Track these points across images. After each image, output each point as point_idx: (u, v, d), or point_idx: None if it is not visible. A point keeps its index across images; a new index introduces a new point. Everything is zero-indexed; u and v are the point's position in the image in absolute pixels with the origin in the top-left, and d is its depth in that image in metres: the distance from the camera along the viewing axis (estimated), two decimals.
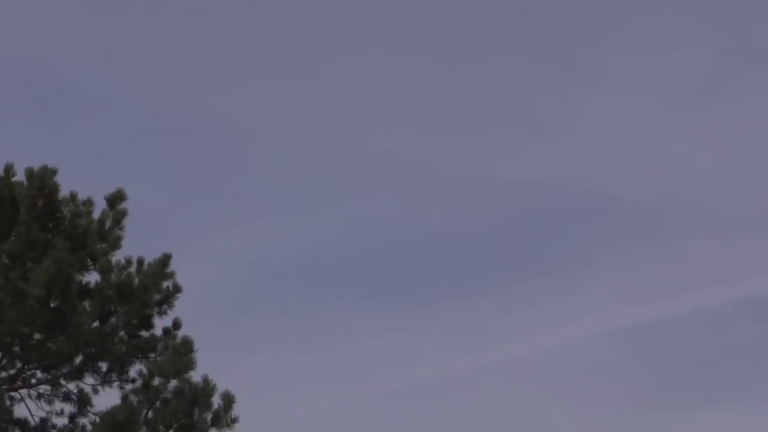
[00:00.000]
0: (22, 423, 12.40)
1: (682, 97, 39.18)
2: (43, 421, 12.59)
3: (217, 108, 37.54)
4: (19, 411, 12.48)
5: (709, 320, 34.20)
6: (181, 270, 13.02)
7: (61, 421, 12.75)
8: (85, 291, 12.58)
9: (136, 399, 12.01)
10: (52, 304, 12.04)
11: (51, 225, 12.26)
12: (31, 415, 12.71)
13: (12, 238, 12.14)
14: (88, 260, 12.54)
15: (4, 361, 12.19)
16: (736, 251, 34.83)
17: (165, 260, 12.47)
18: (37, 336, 12.01)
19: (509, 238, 37.76)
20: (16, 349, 12.16)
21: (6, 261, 11.94)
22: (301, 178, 37.88)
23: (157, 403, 11.94)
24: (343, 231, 37.21)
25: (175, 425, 11.89)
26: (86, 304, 12.44)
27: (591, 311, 34.86)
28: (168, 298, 12.64)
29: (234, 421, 11.90)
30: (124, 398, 12.08)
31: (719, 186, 38.13)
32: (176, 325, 12.71)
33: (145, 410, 11.95)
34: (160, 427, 11.98)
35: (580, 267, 36.62)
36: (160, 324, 12.90)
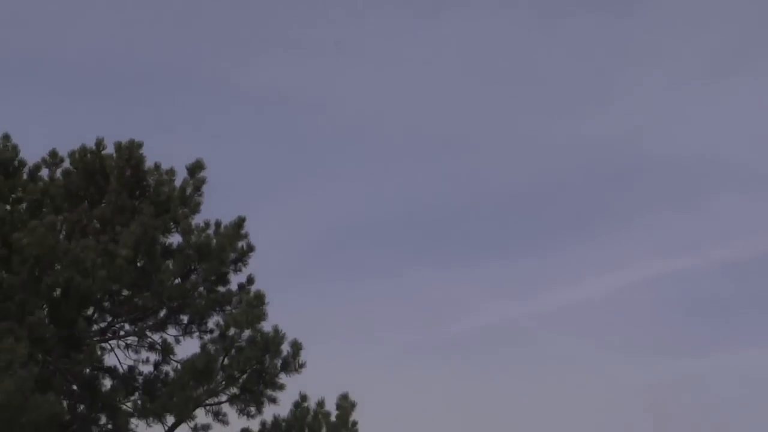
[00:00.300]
0: (111, 371, 13.31)
1: (711, 69, 40.70)
2: (131, 369, 13.55)
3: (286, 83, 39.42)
4: (109, 360, 13.34)
5: (733, 271, 35.56)
6: (257, 230, 13.89)
7: (146, 369, 13.70)
8: (168, 251, 13.55)
9: (214, 348, 12.92)
10: (138, 264, 12.97)
11: (137, 193, 13.39)
12: (120, 363, 13.63)
13: (102, 204, 13.08)
14: (171, 224, 13.51)
15: (95, 315, 13.10)
16: (760, 204, 36.11)
17: (240, 223, 13.42)
18: (125, 292, 12.82)
19: (566, 198, 39.67)
20: (106, 304, 13.09)
21: (97, 225, 12.81)
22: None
23: (233, 351, 12.83)
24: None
25: (249, 371, 12.86)
26: (169, 263, 13.39)
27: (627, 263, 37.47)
28: (242, 257, 13.55)
29: (301, 366, 12.92)
30: (203, 347, 12.95)
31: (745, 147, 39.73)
32: (250, 280, 13.65)
33: (221, 357, 12.85)
34: (235, 373, 12.95)
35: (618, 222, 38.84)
36: (235, 280, 13.66)
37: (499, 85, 41.52)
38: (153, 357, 14.09)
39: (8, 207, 13.17)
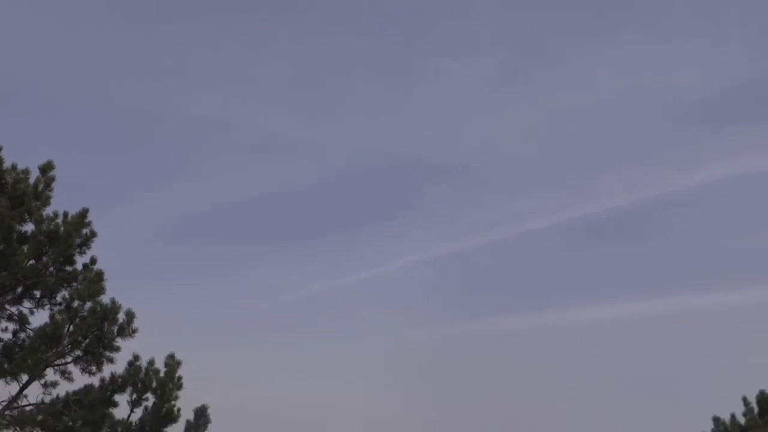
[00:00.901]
0: None
1: (485, 87, 49.91)
2: None
3: None
4: None
5: (501, 250, 43.84)
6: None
7: (6, 336, 15.35)
8: (23, 238, 15.10)
9: (61, 317, 14.77)
10: None
11: None
12: None
13: None
14: (26, 215, 15.01)
15: None
16: (524, 199, 44.18)
17: (84, 213, 15.20)
18: None
19: (362, 196, 49.79)
20: None
21: None
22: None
23: (77, 320, 14.75)
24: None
25: (90, 336, 14.78)
26: (24, 247, 14.91)
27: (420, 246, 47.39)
28: (86, 241, 15.29)
29: (134, 331, 14.94)
30: (52, 317, 14.83)
31: (513, 152, 49.80)
32: (92, 261, 15.34)
33: (67, 325, 14.74)
34: (79, 338, 14.82)
35: (415, 214, 48.98)
36: (80, 261, 15.37)
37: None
38: (11, 326, 15.60)
39: None
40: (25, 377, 15.19)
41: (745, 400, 15.72)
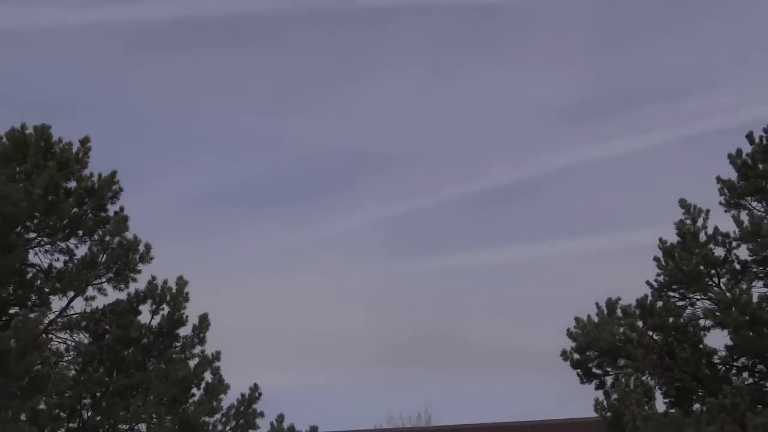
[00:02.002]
0: (34, 266, 18.02)
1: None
2: (49, 265, 18.22)
3: None
4: (34, 260, 18.07)
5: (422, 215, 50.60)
6: None
7: (58, 264, 18.35)
8: (68, 192, 18.11)
9: (96, 249, 17.96)
10: (49, 198, 17.59)
11: (48, 156, 17.97)
12: (41, 261, 18.33)
13: (26, 164, 17.74)
14: (70, 175, 18.13)
15: (22, 231, 17.73)
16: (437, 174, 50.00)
17: (113, 174, 18.30)
18: (42, 217, 17.72)
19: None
20: (29, 224, 17.87)
21: (22, 176, 17.58)
22: None
23: (108, 251, 17.91)
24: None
25: (119, 262, 17.94)
26: (69, 199, 17.92)
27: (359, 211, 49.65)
28: (116, 195, 18.33)
29: (151, 258, 18.36)
30: (91, 249, 17.99)
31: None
32: (121, 209, 18.32)
33: (101, 255, 17.88)
34: (110, 264, 17.94)
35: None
36: (111, 209, 18.51)
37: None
38: (62, 257, 18.48)
39: None
40: (71, 293, 18.17)
41: (597, 305, 19.85)
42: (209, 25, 45.73)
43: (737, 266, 19.67)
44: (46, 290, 18.16)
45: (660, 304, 19.39)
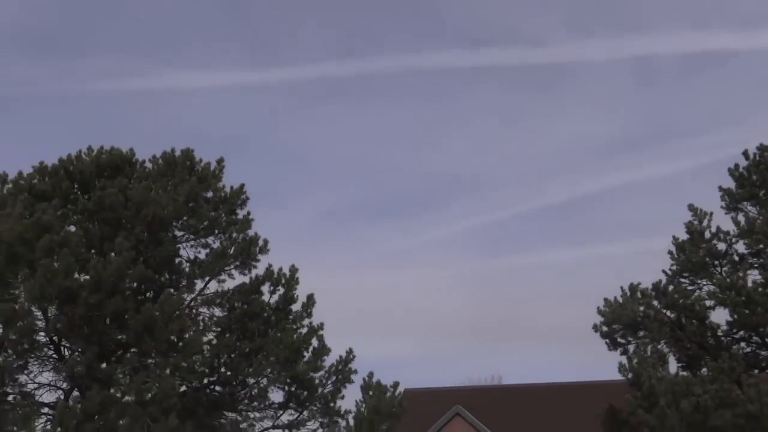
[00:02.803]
0: (180, 256, 20.33)
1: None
2: (195, 256, 20.20)
3: None
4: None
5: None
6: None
7: (201, 255, 20.17)
8: (206, 200, 20.14)
9: (227, 243, 19.85)
10: (190, 205, 19.66)
11: (191, 172, 20.12)
12: (187, 253, 20.19)
13: (174, 178, 19.86)
14: (208, 187, 20.28)
15: (170, 231, 19.70)
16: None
17: (241, 187, 20.54)
18: (185, 219, 19.80)
19: None
20: (175, 224, 19.87)
21: (170, 187, 19.61)
22: None
23: (236, 244, 19.80)
24: None
25: (243, 253, 19.87)
26: (207, 205, 20.04)
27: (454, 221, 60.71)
28: (244, 202, 20.53)
29: (268, 250, 20.42)
30: (222, 243, 19.89)
31: None
32: (248, 213, 20.53)
33: (232, 247, 19.87)
34: (238, 255, 19.72)
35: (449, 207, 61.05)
36: (241, 213, 20.68)
37: None
38: (203, 250, 20.45)
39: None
40: (207, 277, 20.05)
41: (621, 288, 21.72)
42: (337, 83, 55.64)
43: (736, 258, 21.36)
44: (189, 273, 20.29)
45: (672, 287, 21.17)
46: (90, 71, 44.06)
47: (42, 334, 18.69)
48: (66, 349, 19.45)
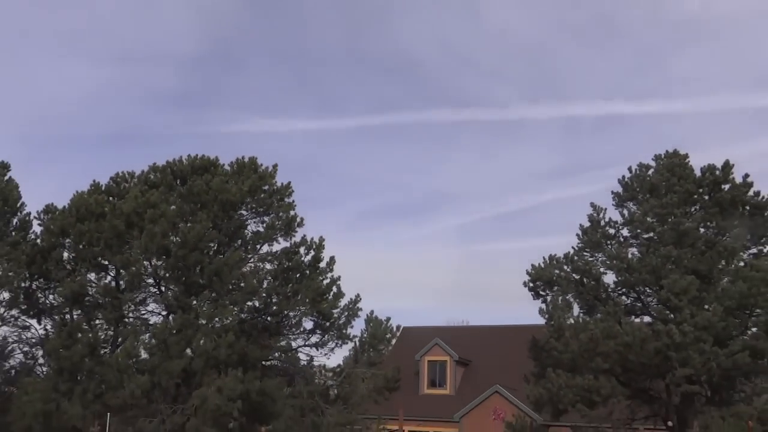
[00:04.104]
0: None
1: None
2: (256, 232, 22.24)
3: None
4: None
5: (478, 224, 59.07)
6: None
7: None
8: (263, 191, 20.45)
9: (278, 223, 20.52)
10: (253, 194, 19.98)
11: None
12: (246, 233, 22.04)
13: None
14: (264, 182, 20.94)
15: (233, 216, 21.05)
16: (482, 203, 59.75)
17: (288, 184, 21.49)
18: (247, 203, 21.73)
19: None
20: (241, 212, 21.36)
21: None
22: None
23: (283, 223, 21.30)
24: None
25: (284, 229, 20.99)
26: (263, 195, 20.71)
27: (442, 220, 62.64)
28: (290, 193, 20.89)
29: (303, 225, 21.77)
30: (272, 223, 21.54)
31: None
32: (293, 201, 20.33)
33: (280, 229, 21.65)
34: (282, 230, 19.98)
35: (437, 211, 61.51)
36: (287, 200, 20.85)
37: None
38: (261, 225, 20.20)
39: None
40: (262, 242, 19.80)
41: (543, 257, 22.27)
42: (368, 130, 59.91)
43: (621, 239, 22.00)
44: (252, 241, 20.54)
45: (577, 258, 21.80)
46: (210, 119, 49.67)
47: (148, 276, 19.27)
48: (163, 287, 19.76)
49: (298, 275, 20.23)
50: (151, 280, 19.27)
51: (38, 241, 20.20)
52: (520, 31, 59.06)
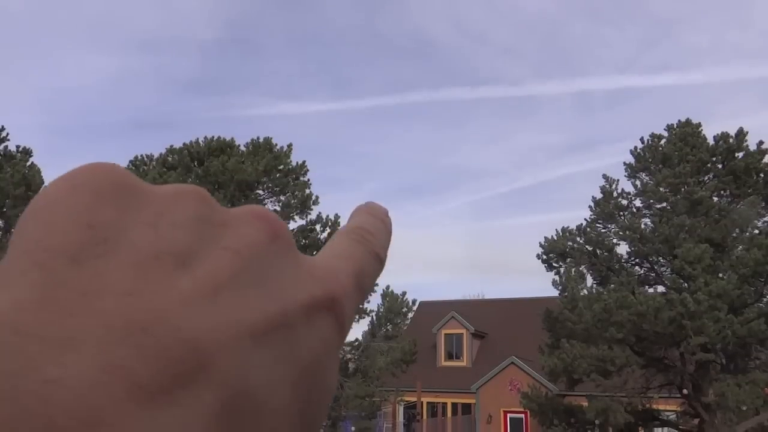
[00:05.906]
0: None
1: None
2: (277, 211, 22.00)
3: None
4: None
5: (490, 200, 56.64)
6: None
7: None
8: (278, 170, 21.30)
9: (292, 195, 21.73)
10: (270, 173, 21.77)
11: (270, 150, 22.07)
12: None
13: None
14: (279, 161, 22.04)
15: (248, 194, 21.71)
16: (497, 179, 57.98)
17: (303, 163, 21.60)
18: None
19: None
20: (258, 191, 21.69)
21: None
22: None
23: (296, 195, 21.65)
24: None
25: (300, 201, 20.88)
26: (279, 175, 21.92)
27: (459, 198, 61.29)
28: (305, 172, 21.04)
29: (318, 203, 21.68)
30: (288, 196, 21.82)
31: None
32: (308, 179, 21.12)
33: (301, 199, 21.69)
34: (297, 203, 20.91)
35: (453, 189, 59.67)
36: (302, 178, 21.74)
37: None
38: (277, 203, 20.09)
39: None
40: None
41: (555, 230, 21.66)
42: (384, 109, 56.57)
43: (634, 210, 21.43)
44: None
45: (590, 229, 21.23)
46: (227, 103, 51.53)
47: None
48: None
49: (314, 252, 19.48)
50: None
51: None
52: (531, 6, 58.27)
